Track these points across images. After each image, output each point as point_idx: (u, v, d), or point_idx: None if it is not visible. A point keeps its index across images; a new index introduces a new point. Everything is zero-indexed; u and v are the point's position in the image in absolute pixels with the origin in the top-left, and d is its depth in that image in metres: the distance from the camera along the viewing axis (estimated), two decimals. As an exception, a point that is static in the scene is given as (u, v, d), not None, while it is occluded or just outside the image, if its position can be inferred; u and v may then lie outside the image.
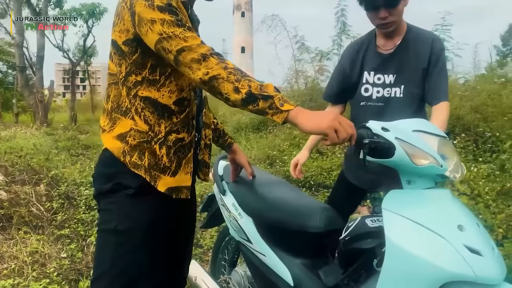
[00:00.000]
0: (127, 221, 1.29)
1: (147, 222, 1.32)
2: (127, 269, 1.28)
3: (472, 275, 1.07)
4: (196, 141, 1.47)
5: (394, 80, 2.01)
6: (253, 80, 1.14)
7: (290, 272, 1.64)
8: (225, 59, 1.18)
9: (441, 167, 1.20)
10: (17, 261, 2.65)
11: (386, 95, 2.03)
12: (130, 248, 1.29)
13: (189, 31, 1.19)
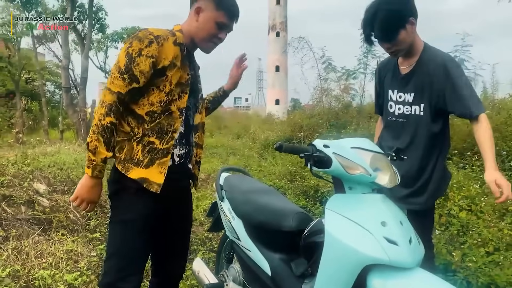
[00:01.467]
0: (129, 214, 1.70)
1: (143, 215, 1.72)
2: (128, 251, 1.70)
3: (387, 259, 1.39)
4: (185, 155, 1.86)
5: (412, 98, 2.13)
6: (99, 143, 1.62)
7: (269, 264, 1.98)
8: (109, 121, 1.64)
9: (370, 176, 1.52)
10: (54, 257, 3.11)
11: (407, 112, 2.16)
12: (131, 235, 1.70)
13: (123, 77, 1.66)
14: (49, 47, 21.77)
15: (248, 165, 8.64)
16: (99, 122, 1.62)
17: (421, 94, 2.09)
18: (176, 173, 1.81)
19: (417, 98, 2.11)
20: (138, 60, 1.65)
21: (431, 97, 2.06)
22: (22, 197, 3.97)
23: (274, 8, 42.53)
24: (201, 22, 1.80)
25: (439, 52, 2.10)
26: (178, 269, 2.06)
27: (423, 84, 2.07)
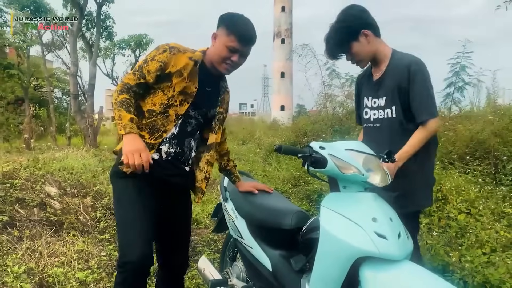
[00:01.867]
0: (121, 193, 1.98)
1: (133, 191, 1.93)
2: (125, 227, 1.90)
3: (377, 252, 1.51)
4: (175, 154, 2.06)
5: (384, 102, 2.22)
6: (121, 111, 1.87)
7: (270, 260, 2.11)
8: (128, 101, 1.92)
9: (362, 175, 1.65)
10: (66, 256, 3.25)
11: (380, 117, 2.24)
12: (125, 210, 1.94)
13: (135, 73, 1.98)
14: (58, 55, 22.11)
15: (253, 170, 8.76)
16: (116, 100, 1.92)
17: (392, 97, 2.17)
18: (164, 167, 2.01)
19: (388, 101, 2.19)
20: (150, 62, 1.97)
21: (400, 98, 2.14)
22: (35, 199, 4.12)
23: (279, 15, 42.81)
24: (216, 46, 2.03)
25: (406, 55, 2.19)
26: (179, 262, 2.24)
27: (393, 87, 2.16)
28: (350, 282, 1.58)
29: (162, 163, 2.01)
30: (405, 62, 2.13)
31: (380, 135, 2.24)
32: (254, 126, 21.49)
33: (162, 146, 2.01)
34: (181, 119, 2.03)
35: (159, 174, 1.98)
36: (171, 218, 2.16)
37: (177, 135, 2.04)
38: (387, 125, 2.21)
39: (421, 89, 2.08)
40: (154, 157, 1.98)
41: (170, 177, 2.06)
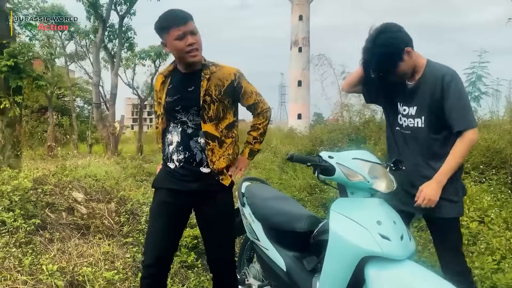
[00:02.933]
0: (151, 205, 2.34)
1: (155, 205, 2.29)
2: (148, 234, 2.30)
3: (380, 252, 1.67)
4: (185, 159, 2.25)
5: (415, 112, 2.23)
6: None
7: (284, 261, 2.28)
8: None
9: (368, 182, 1.81)
10: (93, 258, 3.46)
11: (410, 125, 2.26)
12: (150, 218, 2.33)
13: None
14: (81, 65, 22.79)
15: (269, 178, 8.89)
16: None
17: (422, 107, 2.19)
18: (181, 174, 2.22)
19: (419, 111, 2.21)
20: (155, 104, 2.40)
21: (431, 109, 2.16)
22: (63, 204, 4.37)
23: (297, 23, 43.11)
24: (171, 48, 2.16)
25: (440, 66, 2.20)
26: (220, 262, 2.31)
27: (425, 97, 2.17)
28: (356, 280, 1.74)
29: (178, 170, 2.22)
30: (439, 73, 2.14)
31: (409, 142, 2.29)
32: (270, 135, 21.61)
33: (173, 156, 2.23)
34: (180, 126, 2.23)
35: (178, 185, 2.22)
36: (203, 223, 2.31)
37: (181, 141, 2.22)
38: (415, 135, 2.24)
39: (456, 99, 2.09)
40: (170, 166, 2.24)
41: (188, 184, 2.20)
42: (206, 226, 2.29)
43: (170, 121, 2.27)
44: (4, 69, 6.75)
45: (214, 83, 2.20)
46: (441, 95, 2.11)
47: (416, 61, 2.21)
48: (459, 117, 2.09)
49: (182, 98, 2.21)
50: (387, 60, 2.13)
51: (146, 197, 5.59)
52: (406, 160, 2.15)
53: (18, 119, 7.46)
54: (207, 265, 3.65)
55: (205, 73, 2.22)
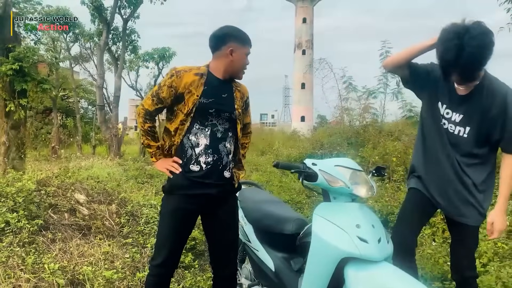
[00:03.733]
0: (162, 209, 2.35)
1: (168, 209, 2.30)
2: (159, 237, 2.34)
3: (358, 253, 1.78)
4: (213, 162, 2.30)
5: (460, 120, 2.18)
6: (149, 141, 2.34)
7: (273, 262, 2.40)
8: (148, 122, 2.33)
9: (348, 188, 1.93)
10: (93, 257, 3.60)
11: (450, 131, 2.22)
12: (161, 222, 2.35)
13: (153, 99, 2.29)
14: (85, 67, 22.96)
15: (270, 181, 9.01)
16: (142, 128, 2.34)
17: (470, 118, 2.15)
18: (205, 177, 2.25)
19: (465, 121, 2.16)
20: (163, 88, 2.25)
21: (482, 123, 2.12)
22: (65, 205, 4.51)
23: (300, 26, 43.23)
24: (236, 58, 2.29)
25: (500, 82, 2.12)
26: (225, 272, 2.39)
27: (476, 110, 2.11)
28: (337, 279, 1.85)
29: (203, 173, 2.23)
30: (502, 90, 2.08)
31: (447, 144, 2.25)
32: (273, 137, 21.76)
33: (200, 158, 2.24)
34: (209, 129, 2.26)
35: (197, 190, 2.24)
36: (215, 228, 2.37)
37: (209, 144, 2.25)
38: (457, 141, 2.21)
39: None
40: (194, 169, 2.24)
41: (208, 189, 2.25)
42: (220, 228, 2.34)
43: (196, 122, 2.26)
44: (9, 72, 6.91)
45: (240, 96, 2.40)
46: (500, 113, 2.06)
47: None
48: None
49: (217, 102, 2.28)
50: (482, 62, 1.96)
51: (147, 199, 5.73)
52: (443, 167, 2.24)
53: (23, 122, 7.63)
54: (203, 265, 3.79)
55: (236, 86, 2.42)
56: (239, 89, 2.41)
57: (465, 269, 2.32)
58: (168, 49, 18.94)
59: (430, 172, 2.34)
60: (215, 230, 2.37)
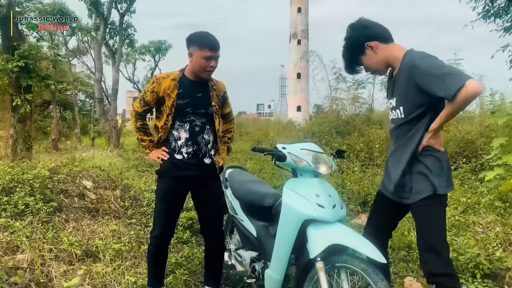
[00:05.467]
0: (157, 190, 2.85)
1: (162, 189, 2.81)
2: (156, 213, 2.79)
3: (316, 216, 2.30)
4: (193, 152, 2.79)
5: (395, 103, 2.29)
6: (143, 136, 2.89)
7: (255, 229, 2.92)
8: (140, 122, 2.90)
9: (311, 166, 2.44)
10: (103, 234, 4.12)
11: (394, 117, 2.33)
12: (156, 200, 2.84)
13: (140, 101, 2.81)
14: (83, 61, 23.34)
15: (263, 169, 9.50)
16: (135, 126, 2.90)
17: (400, 97, 2.24)
18: (187, 163, 2.74)
19: (398, 101, 2.26)
20: (146, 93, 2.75)
21: (407, 97, 2.17)
22: (75, 191, 5.01)
23: (295, 16, 43.36)
24: (195, 61, 2.64)
25: (411, 54, 2.17)
26: (214, 236, 2.94)
27: (401, 87, 2.21)
28: (301, 237, 2.37)
29: (186, 160, 2.73)
30: (409, 60, 2.14)
31: (392, 135, 2.40)
32: (269, 127, 22.23)
33: (182, 149, 2.73)
34: (188, 125, 2.71)
35: (181, 172, 2.74)
36: (203, 202, 2.89)
37: (189, 137, 2.72)
38: (396, 125, 2.31)
39: (430, 70, 2.01)
40: (178, 157, 2.73)
41: (191, 171, 2.75)
42: (207, 199, 2.86)
43: (177, 119, 2.70)
44: (15, 69, 7.39)
45: (216, 93, 2.82)
46: (413, 80, 2.09)
47: (390, 55, 2.26)
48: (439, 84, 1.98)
49: (192, 102, 2.70)
50: (350, 53, 2.36)
51: (148, 185, 6.26)
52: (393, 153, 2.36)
53: (29, 115, 8.12)
54: (199, 241, 4.31)
55: (212, 85, 2.81)
56: (215, 88, 2.81)
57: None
58: (164, 42, 19.39)
59: (386, 167, 2.45)
60: (203, 201, 2.88)
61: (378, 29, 2.30)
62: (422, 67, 2.04)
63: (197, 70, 2.67)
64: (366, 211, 5.51)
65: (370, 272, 2.10)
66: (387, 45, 2.28)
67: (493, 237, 3.69)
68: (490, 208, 4.56)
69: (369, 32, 2.29)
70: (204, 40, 2.61)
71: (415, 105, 2.16)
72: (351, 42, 2.35)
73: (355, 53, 2.34)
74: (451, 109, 2.03)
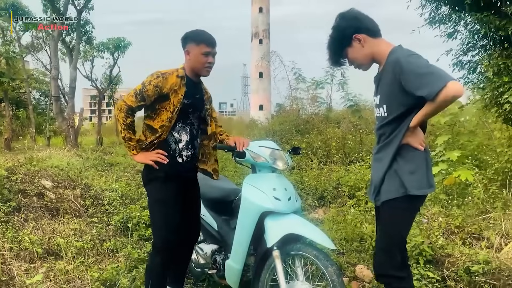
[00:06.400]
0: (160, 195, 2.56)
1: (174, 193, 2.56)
2: (157, 220, 2.58)
3: (273, 208, 2.48)
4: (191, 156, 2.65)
5: (379, 100, 2.19)
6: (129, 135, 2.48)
7: (216, 223, 3.06)
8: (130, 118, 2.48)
9: (268, 162, 2.61)
10: (64, 233, 4.12)
11: (377, 115, 2.24)
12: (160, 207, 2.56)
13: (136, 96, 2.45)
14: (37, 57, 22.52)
15: (226, 167, 9.63)
16: (124, 123, 2.47)
17: (383, 95, 2.15)
18: (186, 167, 2.62)
19: (382, 100, 2.17)
20: (148, 87, 2.45)
21: (392, 95, 2.08)
22: (33, 190, 4.96)
23: (257, 15, 43.52)
24: (193, 58, 2.55)
25: (395, 52, 2.10)
26: (193, 233, 2.86)
27: (385, 85, 2.11)
28: (259, 229, 2.54)
29: (185, 164, 2.61)
30: (393, 57, 2.06)
31: (376, 134, 2.29)
32: (232, 126, 22.36)
33: (182, 152, 2.58)
34: (189, 127, 2.59)
35: (182, 173, 2.61)
36: (189, 204, 2.74)
37: (189, 140, 2.61)
38: (379, 125, 2.21)
39: (412, 69, 1.94)
40: (180, 161, 2.58)
41: (188, 173, 2.68)
42: (189, 207, 2.73)
43: (179, 121, 2.54)
44: (-33, 66, 7.12)
45: (207, 97, 2.77)
46: (396, 79, 2.00)
47: (376, 50, 2.18)
48: (424, 82, 1.90)
49: (194, 103, 2.59)
50: (336, 44, 2.24)
51: (108, 184, 6.25)
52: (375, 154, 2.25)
53: (-19, 114, 7.83)
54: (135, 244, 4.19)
55: (204, 88, 2.75)
56: (206, 91, 2.77)
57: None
58: (124, 39, 19.05)
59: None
60: (189, 203, 2.73)
61: (368, 22, 2.20)
62: (405, 65, 1.97)
63: (196, 68, 2.59)
64: (323, 206, 5.79)
65: (322, 258, 2.30)
66: (375, 39, 2.19)
67: (437, 227, 4.01)
68: (435, 200, 4.92)
69: (359, 23, 2.18)
70: (201, 36, 2.56)
71: (398, 104, 2.06)
72: (339, 32, 2.22)
73: (342, 44, 2.22)
74: (430, 109, 1.95)
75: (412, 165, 2.07)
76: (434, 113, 2.02)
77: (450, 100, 1.88)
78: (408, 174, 2.06)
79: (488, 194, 4.60)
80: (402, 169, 2.07)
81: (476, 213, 4.31)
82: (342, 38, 2.20)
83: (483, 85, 5.15)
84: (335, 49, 2.27)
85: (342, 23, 2.21)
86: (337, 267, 2.30)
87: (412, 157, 2.07)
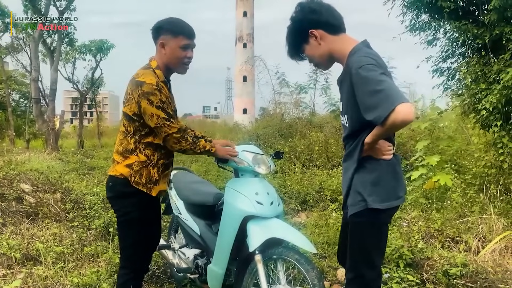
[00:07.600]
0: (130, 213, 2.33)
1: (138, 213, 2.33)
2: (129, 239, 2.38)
3: (256, 212, 2.49)
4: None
5: (341, 108, 2.01)
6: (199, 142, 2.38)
7: (198, 227, 3.06)
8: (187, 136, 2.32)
9: (251, 167, 2.63)
10: (44, 237, 4.05)
11: (342, 122, 2.05)
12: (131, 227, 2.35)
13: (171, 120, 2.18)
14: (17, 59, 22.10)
15: (209, 171, 9.61)
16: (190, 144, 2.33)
17: (344, 104, 1.96)
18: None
19: (344, 108, 1.98)
20: (166, 104, 2.18)
21: (350, 106, 1.89)
22: (12, 194, 4.86)
23: (241, 19, 43.61)
24: (169, 52, 2.20)
25: (354, 57, 1.85)
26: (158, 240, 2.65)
27: (345, 93, 1.91)
28: (241, 233, 2.55)
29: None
30: (349, 63, 1.84)
31: (343, 140, 2.09)
32: (215, 129, 22.30)
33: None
34: None
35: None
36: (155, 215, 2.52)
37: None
38: (344, 134, 2.04)
39: (361, 86, 1.75)
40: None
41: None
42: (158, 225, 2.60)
43: None
44: None
45: None
46: (353, 91, 1.80)
47: (334, 48, 1.96)
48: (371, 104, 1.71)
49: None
50: (292, 38, 2.05)
51: (89, 188, 6.16)
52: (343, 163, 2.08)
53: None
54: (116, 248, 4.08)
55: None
56: None
57: None
58: (106, 41, 18.83)
59: None
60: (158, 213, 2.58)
61: (327, 15, 1.94)
62: (355, 80, 1.76)
63: (172, 63, 2.26)
64: (305, 210, 5.82)
65: (303, 262, 2.32)
66: (334, 36, 1.95)
67: (416, 231, 4.08)
68: (415, 204, 5.01)
69: (315, 17, 1.93)
70: (178, 27, 2.21)
71: (356, 118, 1.85)
72: (294, 26, 2.02)
73: (298, 39, 2.01)
74: (381, 132, 1.77)
75: (374, 176, 1.88)
76: (386, 135, 1.85)
77: (399, 126, 1.73)
78: (371, 186, 1.87)
79: (466, 198, 4.70)
80: (364, 181, 1.89)
81: (455, 216, 4.40)
82: (297, 32, 2.00)
83: (461, 91, 5.27)
84: (292, 43, 2.06)
85: (298, 15, 2.00)
86: (318, 271, 2.32)
87: (375, 167, 1.89)
